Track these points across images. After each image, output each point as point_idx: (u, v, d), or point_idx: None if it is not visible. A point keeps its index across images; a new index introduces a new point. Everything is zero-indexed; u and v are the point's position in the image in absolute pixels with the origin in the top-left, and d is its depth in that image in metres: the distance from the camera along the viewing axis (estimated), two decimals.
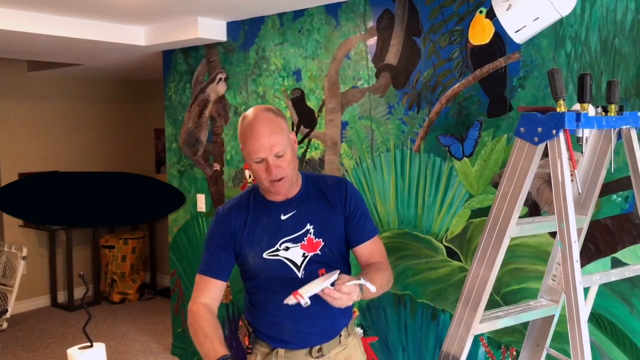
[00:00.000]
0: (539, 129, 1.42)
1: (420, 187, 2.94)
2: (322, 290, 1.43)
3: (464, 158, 2.77)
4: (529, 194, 2.50)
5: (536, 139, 1.43)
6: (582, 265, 2.16)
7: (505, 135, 2.64)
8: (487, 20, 2.67)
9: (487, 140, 2.70)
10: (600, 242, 2.38)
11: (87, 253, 5.95)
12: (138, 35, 3.82)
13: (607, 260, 2.37)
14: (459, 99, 2.78)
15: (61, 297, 5.73)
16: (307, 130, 3.35)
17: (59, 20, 3.45)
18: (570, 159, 1.38)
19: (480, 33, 2.69)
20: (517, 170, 1.49)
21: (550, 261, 1.82)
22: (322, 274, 1.68)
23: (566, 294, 1.36)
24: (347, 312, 1.83)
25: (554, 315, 1.82)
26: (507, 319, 1.71)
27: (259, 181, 1.70)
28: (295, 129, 3.42)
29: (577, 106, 1.47)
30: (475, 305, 1.60)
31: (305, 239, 1.70)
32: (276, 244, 1.71)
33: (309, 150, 3.36)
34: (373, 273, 1.63)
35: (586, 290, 1.57)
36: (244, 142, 1.67)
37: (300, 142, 3.41)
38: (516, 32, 1.66)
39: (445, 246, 2.86)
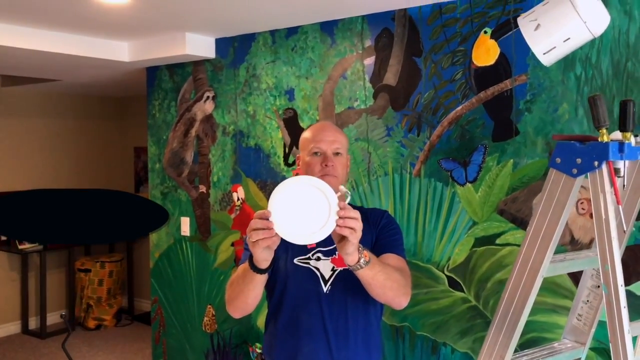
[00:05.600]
0: (578, 160, 1.30)
1: (421, 213, 2.80)
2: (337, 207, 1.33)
3: (467, 183, 2.65)
4: None
5: (575, 170, 1.31)
6: None
7: (511, 161, 2.53)
8: (492, 41, 2.57)
9: (492, 166, 2.58)
10: None
11: (62, 277, 5.68)
12: (121, 51, 3.65)
13: None
14: (462, 122, 2.66)
15: (33, 323, 5.44)
16: None
17: (37, 34, 3.26)
18: (615, 193, 1.26)
19: (484, 54, 2.59)
20: (551, 204, 1.36)
21: (576, 300, 1.69)
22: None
23: (612, 344, 1.23)
24: (370, 350, 1.70)
25: (580, 359, 1.69)
26: None
27: None
28: (287, 150, 3.27)
29: (617, 135, 1.35)
30: (502, 350, 1.45)
31: (337, 252, 1.65)
32: (309, 252, 1.71)
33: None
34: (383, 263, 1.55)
35: (634, 338, 1.44)
36: (307, 136, 1.74)
37: (292, 164, 3.26)
38: (544, 53, 1.54)
39: (446, 276, 2.73)
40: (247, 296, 1.55)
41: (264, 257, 1.42)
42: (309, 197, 1.34)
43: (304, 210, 1.33)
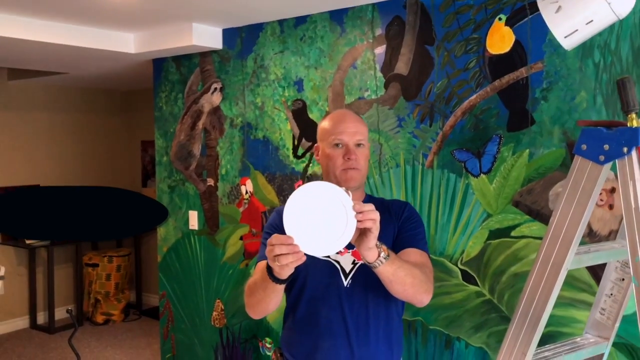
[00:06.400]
0: (606, 146, 1.24)
1: (433, 205, 2.74)
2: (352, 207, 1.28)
3: (481, 175, 2.59)
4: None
5: (602, 157, 1.25)
6: None
7: (527, 151, 2.46)
8: (507, 28, 2.50)
9: (507, 156, 2.51)
10: None
11: (69, 272, 5.66)
12: (127, 42, 3.60)
13: None
14: (475, 111, 2.60)
15: (41, 318, 5.43)
16: (310, 143, 3.15)
17: (42, 25, 3.21)
18: None
19: (499, 41, 2.52)
20: (576, 193, 1.30)
21: (599, 293, 1.63)
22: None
23: None
24: (392, 346, 1.65)
25: (603, 354, 1.63)
26: None
27: (332, 170, 1.63)
28: (296, 142, 3.21)
29: None
30: (524, 346, 1.40)
31: None
32: None
33: (311, 165, 3.15)
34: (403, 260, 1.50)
35: None
36: (327, 126, 1.67)
37: (301, 157, 3.21)
38: (566, 37, 1.48)
39: (460, 269, 2.67)
40: (269, 303, 1.51)
41: (288, 272, 1.37)
42: (321, 204, 1.28)
43: (322, 219, 1.28)
